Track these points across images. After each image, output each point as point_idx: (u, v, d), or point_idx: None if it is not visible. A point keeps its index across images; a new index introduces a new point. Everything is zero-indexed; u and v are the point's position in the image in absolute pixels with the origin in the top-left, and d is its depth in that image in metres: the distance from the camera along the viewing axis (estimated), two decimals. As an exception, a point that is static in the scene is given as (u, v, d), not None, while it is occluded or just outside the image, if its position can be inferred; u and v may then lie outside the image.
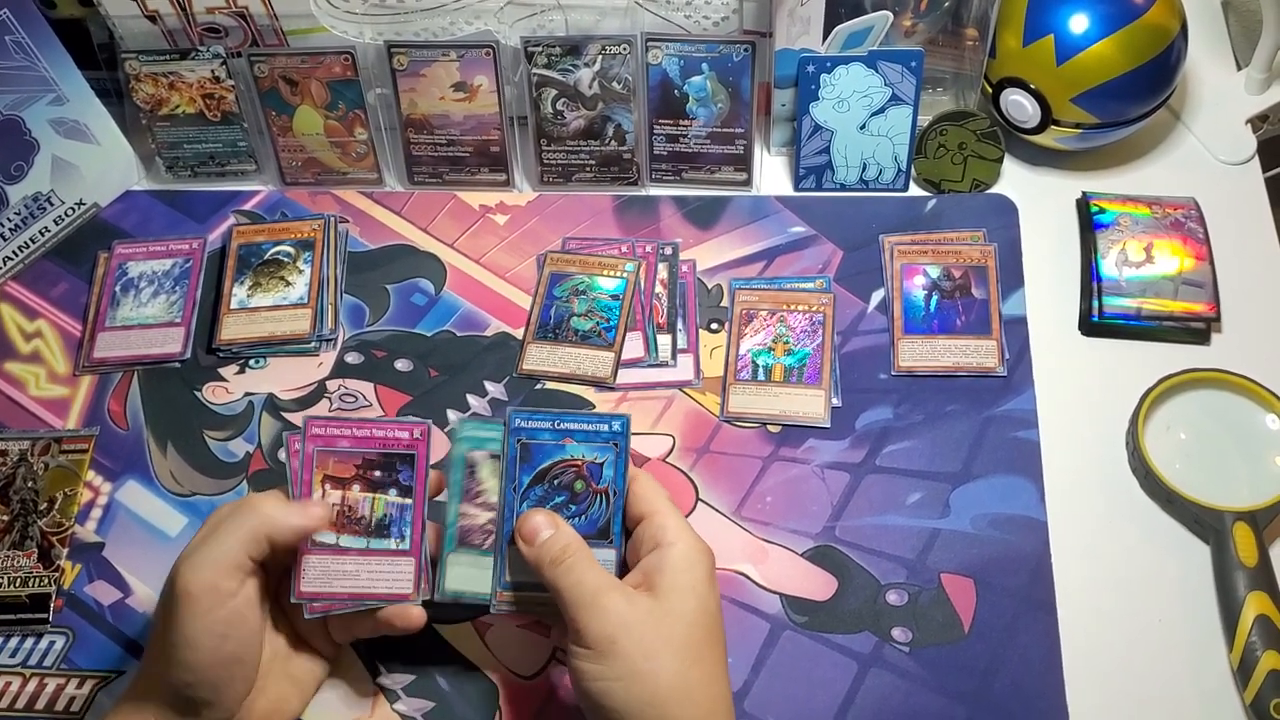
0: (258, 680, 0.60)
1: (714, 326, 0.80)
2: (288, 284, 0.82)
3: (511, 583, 0.62)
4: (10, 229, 0.82)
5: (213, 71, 0.83)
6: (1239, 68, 0.91)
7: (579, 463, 0.61)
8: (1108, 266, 0.79)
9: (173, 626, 0.56)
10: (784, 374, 0.77)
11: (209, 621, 0.56)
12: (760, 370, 0.77)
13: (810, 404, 0.75)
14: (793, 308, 0.79)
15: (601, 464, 0.61)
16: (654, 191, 0.87)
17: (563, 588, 0.57)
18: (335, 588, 0.62)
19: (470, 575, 0.62)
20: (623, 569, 0.62)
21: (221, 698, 0.58)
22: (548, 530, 0.59)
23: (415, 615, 0.62)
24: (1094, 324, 0.79)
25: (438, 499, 0.64)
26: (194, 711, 0.58)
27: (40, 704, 0.68)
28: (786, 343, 0.78)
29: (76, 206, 0.86)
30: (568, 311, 0.80)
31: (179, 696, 0.57)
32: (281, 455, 0.76)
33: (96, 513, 0.74)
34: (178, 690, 0.57)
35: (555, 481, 0.61)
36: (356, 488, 0.63)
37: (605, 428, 0.61)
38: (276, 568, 0.62)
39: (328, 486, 0.62)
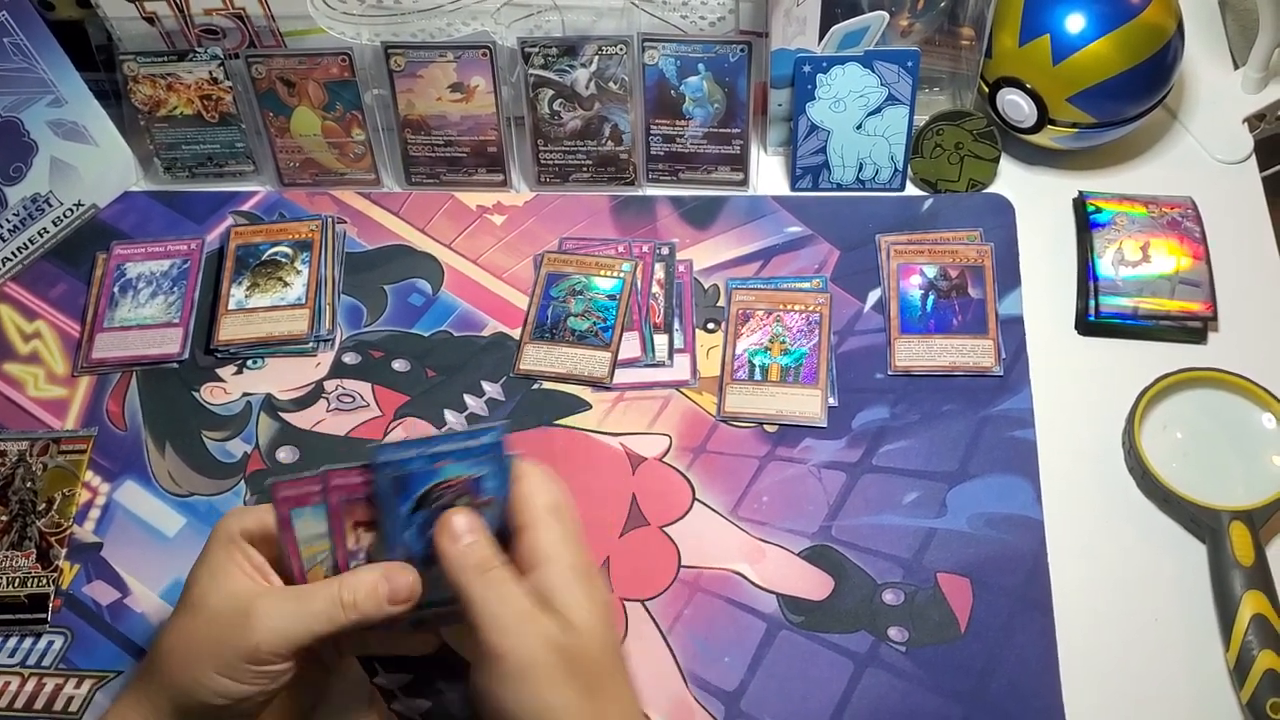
0: None
1: (710, 326, 0.80)
2: (285, 284, 0.82)
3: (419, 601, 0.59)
4: (9, 230, 0.83)
5: (210, 73, 0.84)
6: (1236, 66, 0.91)
7: (457, 481, 0.58)
8: (1104, 266, 0.79)
9: (225, 658, 0.55)
10: (780, 374, 0.77)
11: (267, 670, 0.56)
12: (757, 370, 0.77)
13: (806, 404, 0.75)
14: (789, 308, 0.79)
15: (481, 477, 0.58)
16: (651, 191, 0.87)
17: (482, 600, 0.54)
18: None
19: None
20: None
21: (242, 716, 0.58)
22: (470, 536, 0.56)
23: (432, 642, 0.62)
24: (1090, 323, 0.79)
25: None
26: None
27: (39, 704, 0.68)
28: (783, 342, 0.78)
29: (75, 207, 0.86)
30: (565, 311, 0.80)
31: (199, 710, 0.56)
32: (280, 455, 0.76)
33: (95, 513, 0.74)
34: (203, 706, 0.56)
35: (437, 502, 0.58)
36: None
37: (476, 443, 0.57)
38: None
39: (360, 531, 0.60)
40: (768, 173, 0.88)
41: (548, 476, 0.58)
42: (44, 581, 0.71)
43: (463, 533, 0.56)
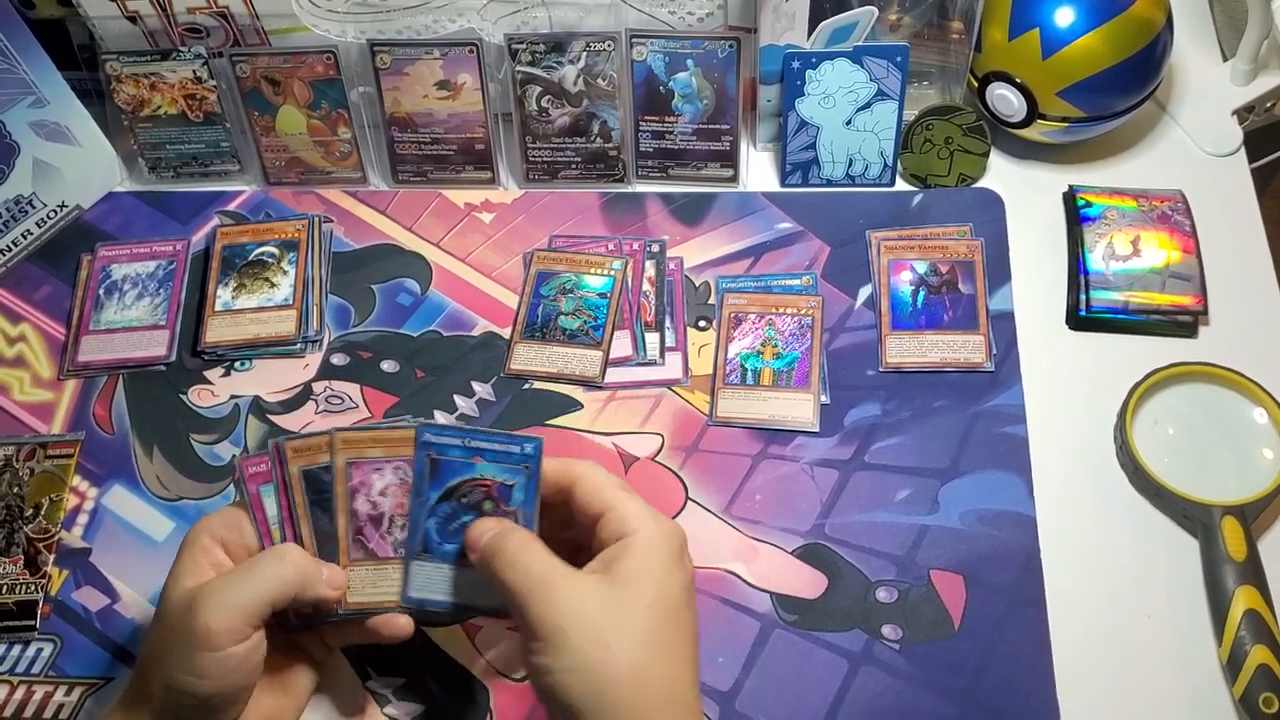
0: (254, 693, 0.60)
1: (701, 324, 0.80)
2: (272, 285, 0.81)
3: (415, 599, 0.61)
4: (-9, 232, 0.82)
5: (194, 72, 0.83)
6: (1225, 59, 0.91)
7: (489, 483, 0.59)
8: (1095, 260, 0.79)
9: (182, 654, 0.56)
10: (773, 378, 0.76)
11: (222, 657, 0.56)
12: (748, 374, 0.77)
13: (799, 408, 0.75)
14: (781, 311, 0.79)
15: (511, 486, 0.59)
16: (640, 188, 0.86)
17: (508, 580, 0.55)
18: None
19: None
20: None
21: (221, 715, 0.58)
22: (492, 530, 0.58)
23: (402, 624, 0.61)
24: (1081, 318, 0.78)
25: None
26: None
27: (29, 712, 0.67)
28: (775, 346, 0.77)
29: (59, 209, 0.85)
30: (555, 310, 0.80)
31: (180, 707, 0.57)
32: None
33: (83, 518, 0.74)
34: (179, 705, 0.56)
35: (463, 499, 0.60)
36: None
37: (517, 450, 0.59)
38: None
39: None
40: (758, 169, 0.87)
41: (604, 468, 0.60)
42: (32, 588, 0.71)
43: (486, 529, 0.58)
